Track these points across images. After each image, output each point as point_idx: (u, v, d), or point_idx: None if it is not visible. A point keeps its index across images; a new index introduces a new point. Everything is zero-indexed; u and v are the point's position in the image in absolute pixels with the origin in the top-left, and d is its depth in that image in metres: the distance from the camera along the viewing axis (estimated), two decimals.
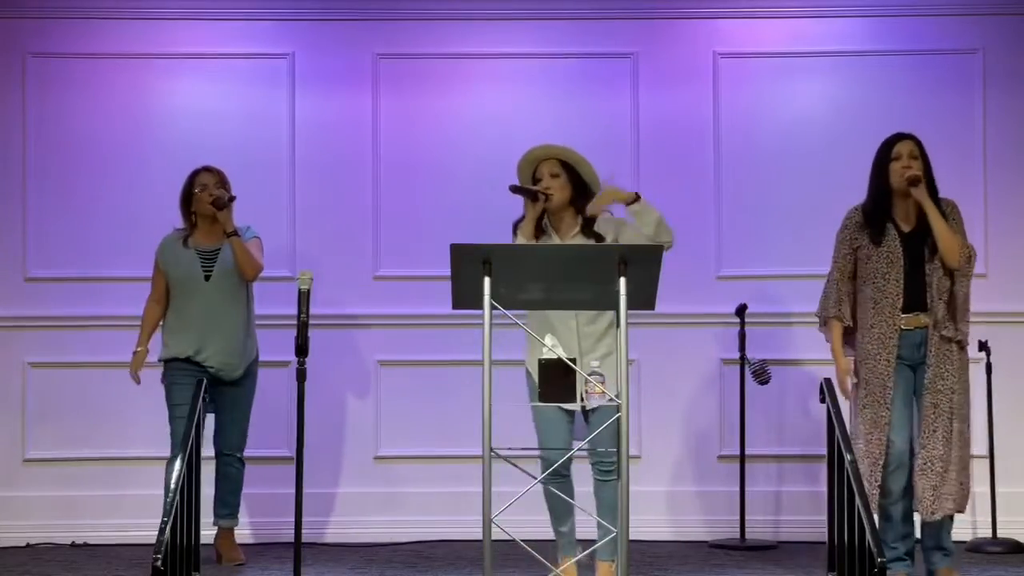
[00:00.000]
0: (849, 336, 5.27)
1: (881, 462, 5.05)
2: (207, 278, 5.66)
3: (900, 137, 5.21)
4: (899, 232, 5.15)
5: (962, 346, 5.15)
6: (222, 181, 5.74)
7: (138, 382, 5.75)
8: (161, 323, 5.79)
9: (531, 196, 4.99)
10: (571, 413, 5.03)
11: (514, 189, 5.02)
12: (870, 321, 5.14)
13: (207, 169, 5.76)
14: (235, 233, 5.62)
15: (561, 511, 5.08)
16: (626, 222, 5.09)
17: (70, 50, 6.66)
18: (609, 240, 5.04)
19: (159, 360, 5.73)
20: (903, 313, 5.10)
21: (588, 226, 5.05)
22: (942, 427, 5.06)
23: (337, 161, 6.70)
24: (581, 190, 5.07)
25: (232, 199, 5.65)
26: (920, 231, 5.15)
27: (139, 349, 5.75)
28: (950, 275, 5.11)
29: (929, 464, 5.04)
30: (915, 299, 5.11)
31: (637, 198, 4.99)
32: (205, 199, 5.66)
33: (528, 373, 5.11)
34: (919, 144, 5.19)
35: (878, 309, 5.12)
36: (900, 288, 5.10)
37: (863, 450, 5.09)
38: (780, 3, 6.73)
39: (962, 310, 5.12)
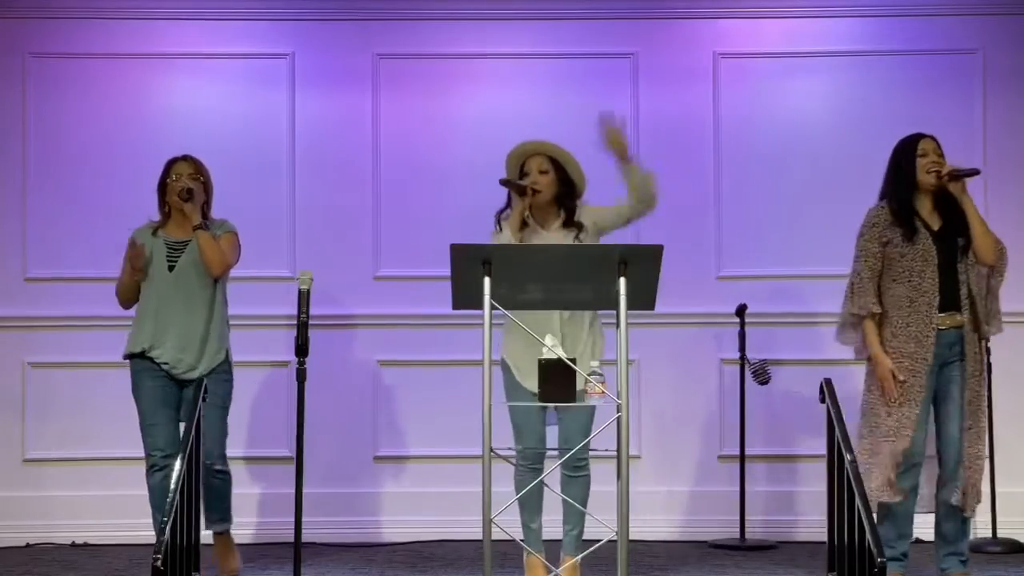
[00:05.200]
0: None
1: (902, 459, 5.03)
2: (171, 269, 5.41)
3: (923, 136, 5.19)
4: (929, 230, 5.13)
5: (986, 343, 5.16)
6: (198, 171, 5.50)
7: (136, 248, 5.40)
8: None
9: (519, 190, 5.04)
10: (543, 408, 5.06)
11: (504, 182, 5.07)
12: (905, 320, 5.09)
13: (184, 158, 5.53)
14: (201, 226, 5.37)
15: (534, 507, 5.12)
16: (598, 205, 5.20)
17: (70, 50, 6.66)
18: (588, 225, 5.13)
19: (123, 357, 5.50)
20: (939, 312, 5.08)
21: (570, 220, 5.13)
22: (976, 425, 5.07)
23: (337, 161, 6.70)
24: (567, 187, 5.16)
25: (191, 191, 5.38)
26: (949, 229, 5.12)
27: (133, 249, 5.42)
28: (982, 272, 5.10)
29: (973, 461, 5.06)
30: (950, 298, 5.08)
31: (629, 159, 5.08)
32: (175, 190, 5.44)
33: (506, 366, 5.14)
34: (939, 143, 5.19)
35: (914, 308, 5.07)
36: (936, 286, 5.05)
37: (888, 443, 5.04)
38: (780, 3, 6.73)
39: (995, 308, 5.13)
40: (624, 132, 5.09)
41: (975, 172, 5.12)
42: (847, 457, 4.82)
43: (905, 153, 5.18)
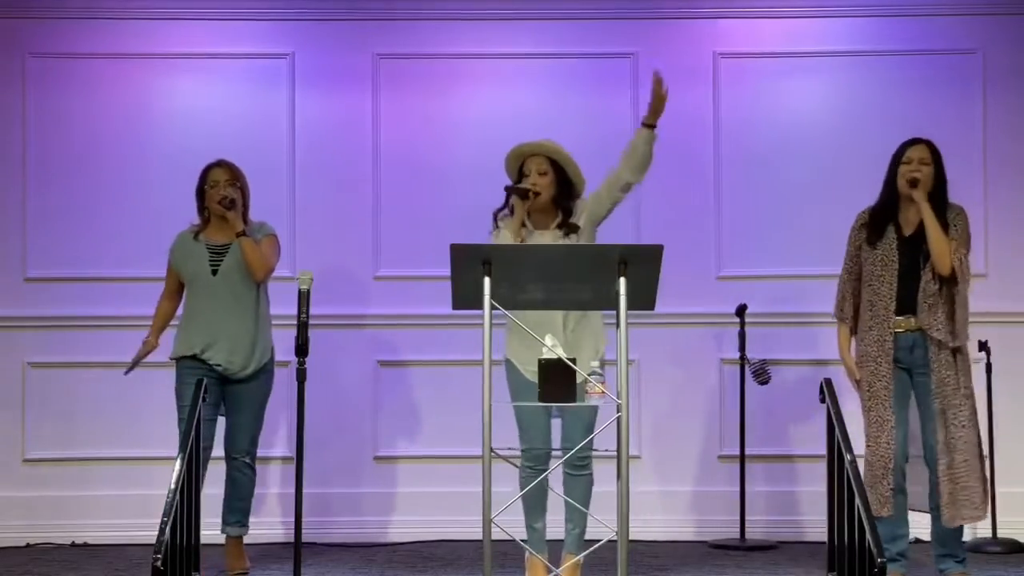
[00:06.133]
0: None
1: (892, 465, 5.06)
2: (214, 273, 5.54)
3: (915, 142, 5.23)
4: (899, 236, 5.17)
5: (959, 351, 5.15)
6: (235, 177, 5.61)
7: (126, 371, 5.61)
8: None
9: (522, 195, 5.03)
10: (548, 407, 5.06)
11: (509, 189, 5.06)
12: (868, 323, 5.19)
13: (219, 164, 5.64)
14: (244, 233, 5.52)
15: (539, 507, 5.13)
16: (585, 197, 5.19)
17: (70, 50, 6.66)
18: (585, 219, 5.11)
19: (170, 358, 5.62)
20: (896, 316, 5.12)
21: (566, 221, 5.12)
22: (956, 434, 5.06)
23: (337, 161, 6.70)
24: (565, 188, 5.15)
25: (233, 200, 5.52)
26: (919, 236, 5.15)
27: (148, 339, 5.62)
28: (943, 281, 5.11)
29: (950, 470, 5.05)
30: (909, 302, 5.14)
31: (655, 126, 5.09)
32: (215, 197, 5.55)
33: (510, 365, 5.14)
34: (932, 149, 5.19)
35: (874, 312, 5.17)
36: (893, 291, 5.13)
37: (871, 452, 5.08)
38: (780, 3, 6.73)
39: (961, 317, 5.12)
40: (664, 99, 5.08)
41: (918, 181, 5.09)
42: (847, 457, 4.82)
43: (894, 159, 5.24)
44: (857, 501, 4.63)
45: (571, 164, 5.14)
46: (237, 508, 5.61)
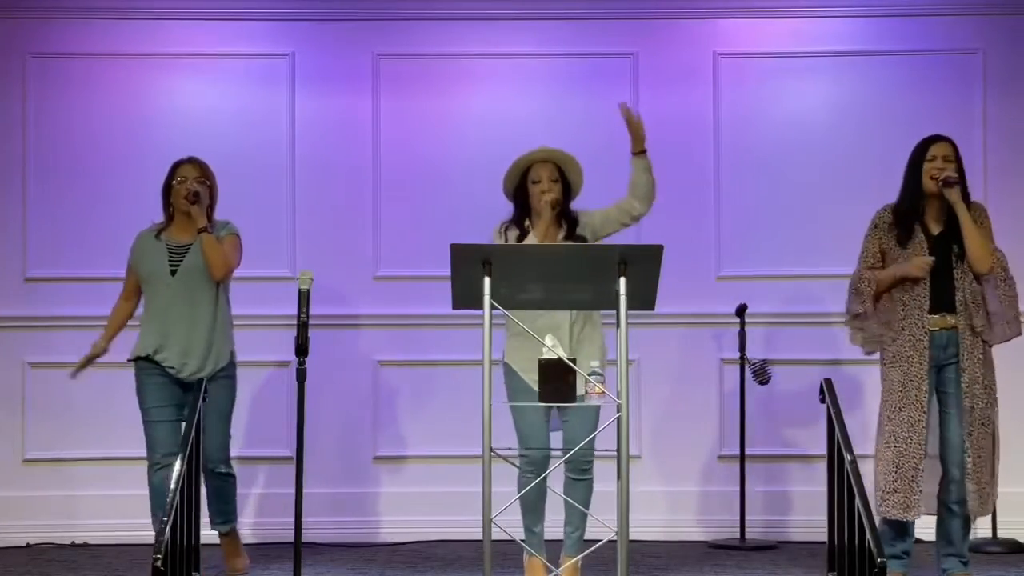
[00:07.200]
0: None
1: (921, 465, 5.04)
2: (173, 273, 5.40)
3: (936, 139, 5.19)
4: (927, 234, 5.13)
5: (989, 346, 5.16)
6: (204, 174, 5.48)
7: (72, 376, 5.56)
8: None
9: (555, 205, 5.04)
10: (547, 411, 5.06)
11: (552, 204, 5.05)
12: (900, 323, 5.11)
13: (189, 161, 5.51)
14: (205, 229, 5.36)
15: (538, 512, 5.13)
16: (597, 209, 5.22)
17: (70, 50, 6.66)
18: (589, 236, 5.14)
19: (128, 360, 5.51)
20: (930, 314, 5.09)
21: (571, 233, 5.14)
22: (982, 429, 5.07)
23: (337, 161, 6.70)
24: (568, 194, 5.20)
25: (198, 194, 5.36)
26: (949, 233, 5.13)
27: (98, 342, 5.51)
28: (979, 279, 5.11)
29: (977, 465, 5.06)
30: (943, 301, 5.09)
31: (644, 151, 5.15)
32: (181, 192, 5.42)
33: (509, 370, 5.14)
34: (955, 147, 5.17)
35: (907, 311, 5.10)
36: (927, 290, 5.08)
37: (899, 454, 5.04)
38: (780, 3, 6.73)
39: (1007, 313, 5.11)
40: (641, 124, 5.14)
41: (956, 181, 5.08)
42: (847, 457, 4.83)
43: (915, 156, 5.18)
44: (857, 501, 4.63)
45: (576, 168, 5.18)
46: (220, 509, 5.54)
